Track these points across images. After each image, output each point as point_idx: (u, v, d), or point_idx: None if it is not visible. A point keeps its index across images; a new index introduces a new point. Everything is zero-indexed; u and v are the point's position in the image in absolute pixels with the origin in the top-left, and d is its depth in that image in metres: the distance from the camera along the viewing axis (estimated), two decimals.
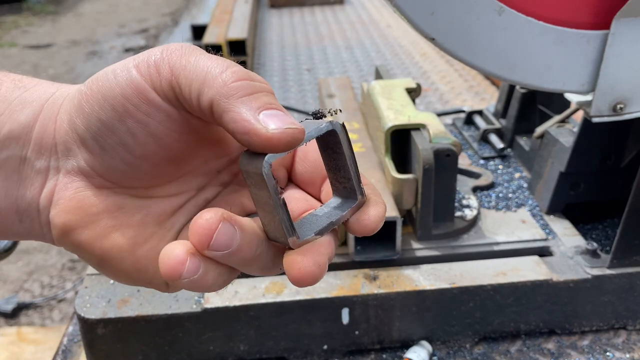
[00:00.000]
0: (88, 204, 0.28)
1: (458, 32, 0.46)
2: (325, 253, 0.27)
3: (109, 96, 0.27)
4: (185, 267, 0.25)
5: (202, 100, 0.26)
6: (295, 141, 0.26)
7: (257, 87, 0.27)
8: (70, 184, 0.28)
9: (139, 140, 0.27)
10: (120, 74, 0.27)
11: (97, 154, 0.28)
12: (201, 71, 0.26)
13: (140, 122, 0.27)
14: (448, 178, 0.60)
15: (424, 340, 0.57)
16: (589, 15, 0.48)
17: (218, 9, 1.53)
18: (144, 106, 0.27)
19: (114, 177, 0.28)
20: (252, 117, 0.25)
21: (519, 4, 0.46)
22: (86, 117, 0.27)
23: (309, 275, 0.26)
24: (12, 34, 4.64)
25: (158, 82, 0.27)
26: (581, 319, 0.58)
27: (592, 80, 0.50)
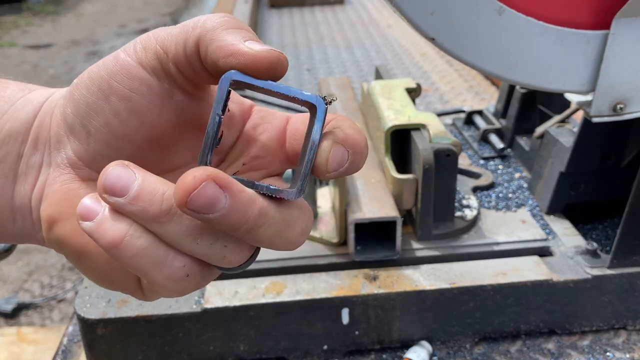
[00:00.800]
0: (73, 195, 0.28)
1: (458, 32, 0.46)
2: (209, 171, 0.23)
3: (96, 79, 0.28)
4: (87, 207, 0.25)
5: (188, 47, 0.26)
6: (280, 64, 0.26)
7: (242, 25, 0.27)
8: (58, 177, 0.28)
9: (121, 117, 0.27)
10: (108, 58, 0.28)
11: (84, 140, 0.28)
12: (184, 26, 0.27)
13: (124, 97, 0.27)
14: (448, 178, 0.60)
15: (424, 341, 0.57)
16: (589, 15, 0.48)
17: (218, 9, 1.53)
18: (127, 81, 0.27)
19: (99, 166, 0.28)
20: (238, 41, 0.26)
21: (519, 4, 0.46)
22: (75, 104, 0.28)
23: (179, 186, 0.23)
24: (12, 34, 4.64)
25: (143, 56, 0.27)
26: (581, 319, 0.58)
27: (592, 80, 0.50)
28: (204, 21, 0.27)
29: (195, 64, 0.27)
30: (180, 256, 0.26)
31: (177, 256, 0.26)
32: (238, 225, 0.24)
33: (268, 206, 0.25)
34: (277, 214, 0.26)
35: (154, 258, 0.25)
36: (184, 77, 0.28)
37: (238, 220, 0.24)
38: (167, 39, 0.27)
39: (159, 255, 0.25)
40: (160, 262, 0.25)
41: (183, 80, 0.28)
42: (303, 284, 0.56)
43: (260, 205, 0.25)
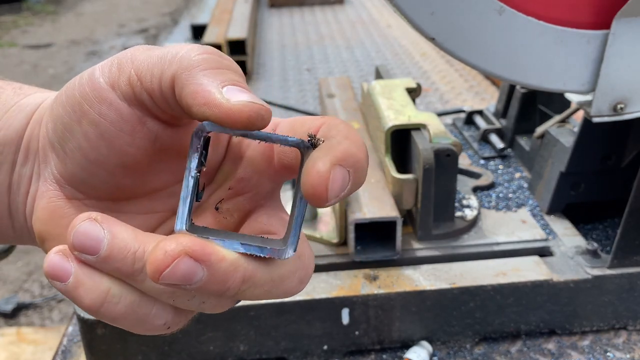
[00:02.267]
0: (59, 214, 0.27)
1: (458, 31, 0.46)
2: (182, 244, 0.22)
3: (70, 97, 0.26)
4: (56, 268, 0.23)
5: (163, 81, 0.24)
6: (259, 119, 0.23)
7: (223, 64, 0.25)
8: (46, 192, 0.27)
9: (92, 143, 0.26)
10: (84, 75, 0.26)
11: (62, 159, 0.27)
12: (163, 56, 0.25)
13: (93, 122, 0.25)
14: (448, 178, 0.60)
15: (424, 341, 0.57)
16: (589, 15, 0.48)
17: (218, 9, 1.53)
18: (97, 105, 0.25)
19: (78, 186, 0.27)
20: (215, 88, 0.23)
21: (519, 4, 0.46)
22: (53, 121, 0.27)
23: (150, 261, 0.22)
24: (12, 34, 4.63)
25: (117, 79, 0.25)
26: (581, 319, 0.58)
27: (592, 80, 0.49)
28: (181, 56, 0.24)
29: (170, 100, 0.25)
30: (162, 312, 0.25)
31: (159, 312, 0.25)
32: (219, 293, 0.23)
33: (254, 270, 0.23)
34: (265, 275, 0.24)
35: (136, 318, 0.24)
36: (158, 107, 0.26)
37: (218, 289, 0.22)
38: (143, 66, 0.25)
39: (140, 315, 0.24)
40: (141, 320, 0.25)
41: (157, 110, 0.26)
42: None
43: (244, 271, 0.23)
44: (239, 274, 0.22)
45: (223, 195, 0.29)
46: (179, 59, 0.24)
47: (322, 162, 0.22)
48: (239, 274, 0.22)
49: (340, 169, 0.22)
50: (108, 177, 0.27)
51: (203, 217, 0.28)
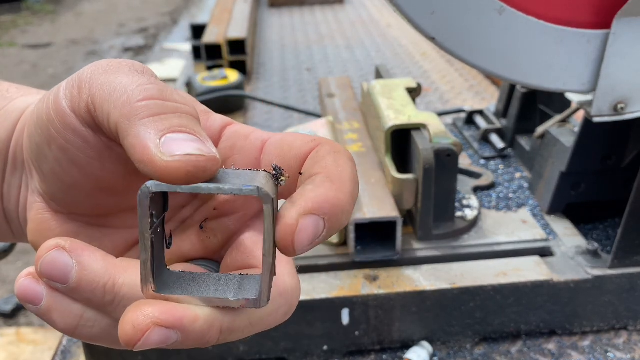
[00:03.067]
0: (46, 227, 0.27)
1: (458, 31, 0.46)
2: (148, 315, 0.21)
3: (40, 119, 0.25)
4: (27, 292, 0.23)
5: (110, 124, 0.22)
6: (200, 172, 0.21)
7: (168, 107, 0.22)
8: (33, 204, 0.27)
9: (63, 167, 0.25)
10: (51, 96, 0.25)
11: (41, 177, 0.26)
12: (113, 90, 0.23)
13: (61, 148, 0.24)
14: (448, 178, 0.59)
15: (424, 341, 0.57)
16: (589, 15, 0.48)
17: (217, 9, 1.53)
18: (62, 132, 0.24)
19: (60, 203, 0.27)
20: (152, 141, 0.21)
21: (520, 4, 0.46)
22: (29, 138, 0.26)
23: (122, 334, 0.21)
24: (11, 34, 4.63)
25: (77, 104, 0.24)
26: (582, 320, 0.58)
27: (593, 80, 0.49)
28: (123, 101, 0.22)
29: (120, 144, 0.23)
30: None
31: None
32: (199, 345, 0.22)
33: (231, 320, 0.22)
34: (244, 322, 0.23)
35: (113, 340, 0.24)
36: None
37: (197, 344, 0.22)
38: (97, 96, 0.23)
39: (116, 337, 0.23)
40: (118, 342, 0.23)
41: None
42: (303, 284, 0.55)
43: (220, 324, 0.22)
44: (214, 329, 0.22)
45: (208, 213, 0.27)
46: (121, 103, 0.22)
47: (289, 212, 0.21)
48: (214, 329, 0.22)
49: (311, 218, 0.21)
50: (86, 198, 0.26)
51: (187, 235, 0.28)
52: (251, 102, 1.15)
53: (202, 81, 1.09)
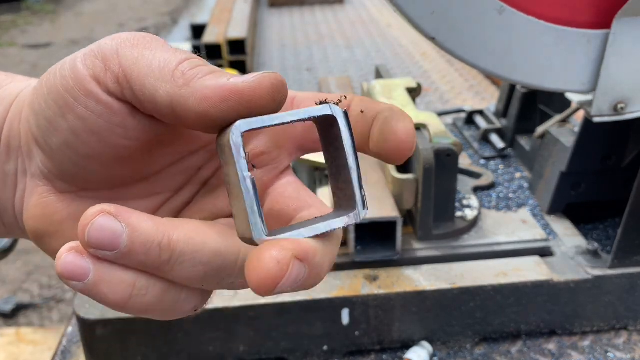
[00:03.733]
0: (52, 211, 0.26)
1: (459, 31, 0.46)
2: (288, 248, 0.21)
3: (52, 90, 0.24)
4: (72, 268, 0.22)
5: (160, 98, 0.23)
6: (280, 85, 0.22)
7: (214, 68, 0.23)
8: (35, 188, 0.26)
9: (81, 138, 0.24)
10: (65, 66, 0.25)
11: (49, 155, 0.25)
12: (156, 66, 0.23)
13: (80, 117, 0.24)
14: (448, 178, 0.59)
15: (424, 341, 0.57)
16: (589, 15, 0.48)
17: (217, 8, 1.53)
18: (82, 99, 0.24)
19: (69, 180, 0.26)
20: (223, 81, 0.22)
21: (520, 4, 0.46)
22: (36, 115, 0.25)
23: (263, 276, 0.20)
24: (11, 34, 4.63)
25: (102, 75, 0.24)
26: (582, 320, 0.58)
27: (593, 80, 0.49)
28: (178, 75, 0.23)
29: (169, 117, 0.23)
30: (191, 296, 0.24)
31: (188, 297, 0.24)
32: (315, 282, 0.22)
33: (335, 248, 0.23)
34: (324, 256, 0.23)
35: (166, 307, 0.24)
36: None
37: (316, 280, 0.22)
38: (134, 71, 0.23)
39: (169, 303, 0.23)
40: (171, 308, 0.24)
41: None
42: None
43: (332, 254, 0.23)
44: (328, 259, 0.23)
45: None
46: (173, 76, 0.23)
47: None
48: (328, 259, 0.23)
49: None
50: (102, 169, 0.26)
51: (217, 194, 0.28)
52: None
53: None
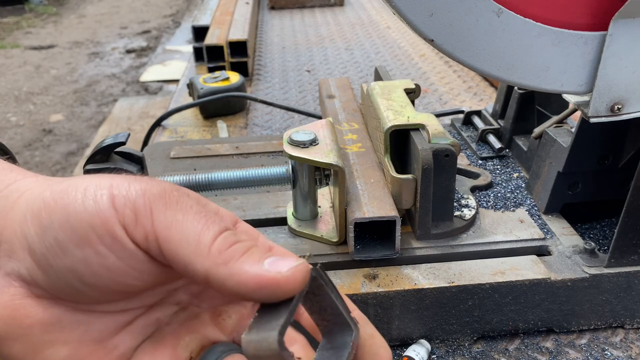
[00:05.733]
0: (23, 314, 0.25)
1: (457, 33, 0.46)
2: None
3: (73, 218, 0.25)
4: None
5: (194, 269, 0.25)
6: (306, 275, 0.25)
7: (247, 245, 0.25)
8: (7, 288, 0.26)
9: (92, 270, 0.25)
10: (92, 198, 0.25)
11: (44, 269, 0.25)
12: (191, 238, 0.25)
13: (100, 254, 0.25)
14: (447, 178, 0.60)
15: (423, 339, 0.57)
16: (586, 17, 0.48)
17: (219, 11, 1.54)
18: (108, 239, 0.25)
19: (55, 294, 0.26)
20: (260, 270, 0.24)
21: (518, 6, 0.47)
22: (42, 229, 0.25)
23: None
24: (15, 35, 4.65)
25: (132, 226, 0.25)
26: (579, 318, 0.58)
27: (590, 81, 0.50)
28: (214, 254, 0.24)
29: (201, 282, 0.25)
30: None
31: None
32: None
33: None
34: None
35: None
36: None
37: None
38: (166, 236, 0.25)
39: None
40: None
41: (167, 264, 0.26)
42: None
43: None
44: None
45: None
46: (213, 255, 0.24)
47: None
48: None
49: None
50: (100, 297, 0.26)
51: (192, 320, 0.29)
52: (252, 103, 1.16)
53: (204, 82, 1.09)
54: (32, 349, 0.25)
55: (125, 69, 3.78)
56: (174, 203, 0.26)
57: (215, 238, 0.25)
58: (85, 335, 0.26)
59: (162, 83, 3.32)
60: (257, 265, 0.24)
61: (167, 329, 0.29)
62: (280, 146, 0.83)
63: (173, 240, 0.25)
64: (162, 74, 3.32)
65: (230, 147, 0.86)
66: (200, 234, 0.25)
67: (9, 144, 2.78)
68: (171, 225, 0.25)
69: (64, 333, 0.26)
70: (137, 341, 0.28)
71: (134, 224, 0.25)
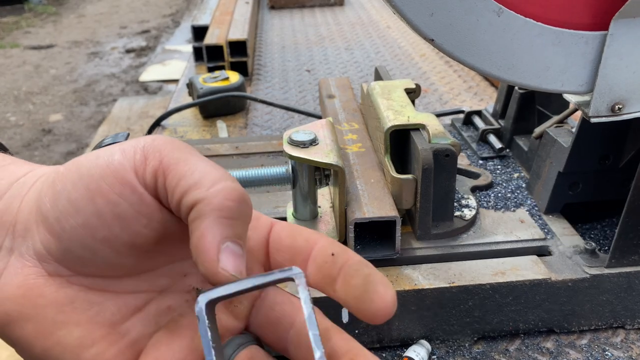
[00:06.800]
0: (36, 294, 0.26)
1: (457, 33, 0.46)
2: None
3: (85, 175, 0.26)
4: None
5: (185, 199, 0.25)
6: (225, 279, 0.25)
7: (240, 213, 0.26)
8: (21, 269, 0.26)
9: (105, 221, 0.26)
10: (103, 155, 0.26)
11: (56, 235, 0.26)
12: (192, 170, 0.26)
13: (111, 201, 0.26)
14: (447, 178, 0.60)
15: (423, 339, 0.57)
16: (587, 16, 0.48)
17: (218, 10, 1.54)
18: (118, 186, 0.26)
19: (69, 263, 0.26)
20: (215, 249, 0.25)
21: (518, 5, 0.46)
22: (55, 195, 0.26)
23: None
24: (14, 35, 4.65)
25: (142, 168, 0.26)
26: (580, 318, 0.58)
27: (590, 81, 0.50)
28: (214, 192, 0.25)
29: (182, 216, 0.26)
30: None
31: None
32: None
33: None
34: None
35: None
36: None
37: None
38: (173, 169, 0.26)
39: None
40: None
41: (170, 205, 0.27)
42: None
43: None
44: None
45: None
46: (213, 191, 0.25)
47: None
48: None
49: None
50: (111, 254, 0.27)
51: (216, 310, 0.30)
52: (252, 103, 1.15)
53: (204, 82, 1.09)
54: (45, 329, 0.26)
55: (124, 69, 3.78)
56: (182, 147, 0.27)
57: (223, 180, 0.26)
58: (98, 316, 0.27)
59: (161, 83, 3.32)
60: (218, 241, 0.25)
61: (184, 320, 0.29)
62: (280, 146, 0.83)
63: (179, 172, 0.26)
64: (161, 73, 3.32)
65: (230, 147, 0.86)
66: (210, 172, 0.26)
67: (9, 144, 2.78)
68: (179, 162, 0.26)
69: (77, 314, 0.26)
70: (149, 329, 0.28)
71: (143, 165, 0.26)
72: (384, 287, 0.26)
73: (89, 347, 0.26)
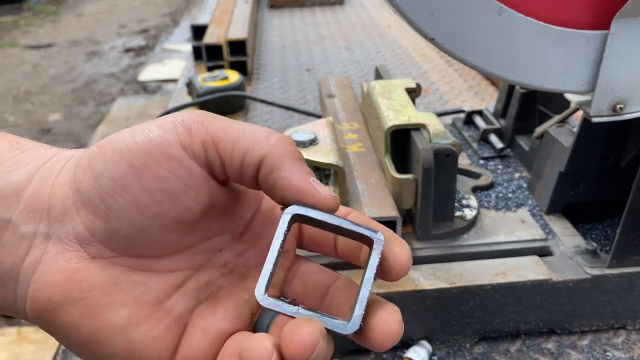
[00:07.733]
0: (80, 277, 0.26)
1: (458, 32, 0.46)
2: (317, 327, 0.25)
3: (126, 153, 0.26)
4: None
5: (248, 157, 0.27)
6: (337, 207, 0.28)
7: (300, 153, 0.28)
8: (61, 254, 0.26)
9: (154, 197, 0.26)
10: (139, 133, 0.27)
11: (102, 216, 0.26)
12: (249, 133, 0.27)
13: (160, 177, 0.26)
14: (448, 178, 0.60)
15: (424, 340, 0.57)
16: (588, 16, 0.48)
17: (218, 9, 1.54)
18: (165, 161, 0.26)
19: (114, 243, 0.26)
20: (305, 179, 0.27)
21: (519, 4, 0.46)
22: (96, 176, 0.26)
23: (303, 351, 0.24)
24: (13, 34, 4.64)
25: (188, 140, 0.27)
26: (581, 319, 0.58)
27: (591, 81, 0.50)
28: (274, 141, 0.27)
29: (248, 174, 0.27)
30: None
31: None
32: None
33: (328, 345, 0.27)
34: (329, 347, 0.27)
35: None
36: (223, 172, 0.28)
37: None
38: (222, 135, 0.27)
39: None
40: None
41: (220, 174, 0.28)
42: None
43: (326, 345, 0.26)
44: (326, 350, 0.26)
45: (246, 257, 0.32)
46: (272, 143, 0.27)
47: None
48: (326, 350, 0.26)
49: None
50: (158, 231, 0.27)
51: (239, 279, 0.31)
52: (252, 103, 1.15)
53: (203, 82, 1.09)
54: (92, 312, 0.26)
55: (123, 68, 3.77)
56: (219, 117, 0.28)
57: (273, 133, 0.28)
58: (143, 296, 0.27)
59: (160, 82, 3.31)
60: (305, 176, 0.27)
61: (223, 292, 0.30)
62: None
63: (230, 137, 0.27)
64: (160, 73, 3.32)
65: None
66: (258, 130, 0.28)
67: None
68: (226, 128, 0.27)
69: (122, 294, 0.26)
70: (191, 304, 0.29)
71: (189, 138, 0.27)
72: (399, 247, 0.29)
73: (136, 326, 0.26)
